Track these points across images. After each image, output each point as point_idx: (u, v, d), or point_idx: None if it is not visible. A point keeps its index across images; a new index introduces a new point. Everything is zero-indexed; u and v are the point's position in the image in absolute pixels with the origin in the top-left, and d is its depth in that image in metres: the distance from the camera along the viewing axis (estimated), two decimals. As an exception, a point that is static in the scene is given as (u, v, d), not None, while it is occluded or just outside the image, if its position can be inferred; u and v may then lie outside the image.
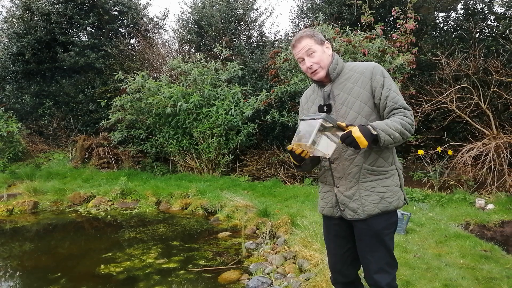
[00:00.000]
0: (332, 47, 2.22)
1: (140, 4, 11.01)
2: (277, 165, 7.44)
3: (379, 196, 1.88)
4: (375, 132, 1.70)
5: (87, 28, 10.45)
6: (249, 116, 7.05)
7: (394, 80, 5.97)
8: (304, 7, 9.51)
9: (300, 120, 1.85)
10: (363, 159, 1.86)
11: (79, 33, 10.63)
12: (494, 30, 7.17)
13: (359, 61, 6.04)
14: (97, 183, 7.35)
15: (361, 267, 2.02)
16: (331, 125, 1.71)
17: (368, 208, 1.86)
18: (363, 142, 1.67)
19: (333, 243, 2.05)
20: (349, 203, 1.90)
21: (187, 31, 10.44)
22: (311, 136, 1.66)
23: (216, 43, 8.46)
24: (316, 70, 1.93)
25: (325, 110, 1.93)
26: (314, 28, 6.39)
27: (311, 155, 1.80)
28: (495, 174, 5.45)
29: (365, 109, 1.87)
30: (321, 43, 1.95)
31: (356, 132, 1.67)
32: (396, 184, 1.95)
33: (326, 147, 1.74)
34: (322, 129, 1.69)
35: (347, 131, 1.69)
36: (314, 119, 1.70)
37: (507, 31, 6.60)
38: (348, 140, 1.69)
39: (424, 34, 7.58)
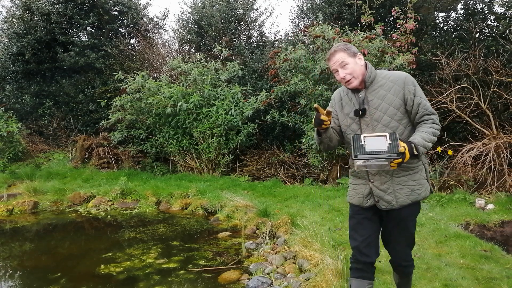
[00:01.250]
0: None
1: (140, 4, 11.01)
2: (277, 165, 7.44)
3: (410, 189, 2.14)
4: (416, 153, 1.96)
5: (87, 28, 10.45)
6: (249, 116, 7.05)
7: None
8: (304, 7, 9.50)
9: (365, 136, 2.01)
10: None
11: (79, 33, 10.63)
12: (494, 30, 7.17)
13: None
14: (97, 183, 7.35)
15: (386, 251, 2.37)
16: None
17: (401, 200, 2.13)
18: (406, 157, 1.93)
19: (361, 226, 2.24)
20: (384, 196, 2.15)
21: (187, 31, 10.44)
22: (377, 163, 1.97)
23: (216, 43, 8.46)
24: (349, 80, 2.15)
25: (360, 114, 2.17)
26: (314, 28, 6.39)
27: (327, 126, 2.14)
28: (495, 174, 5.45)
29: (398, 114, 2.11)
30: (354, 56, 2.16)
31: (406, 154, 1.92)
32: (424, 177, 2.19)
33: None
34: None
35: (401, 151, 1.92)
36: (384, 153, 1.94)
37: (507, 31, 6.60)
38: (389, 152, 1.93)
39: (424, 34, 7.58)
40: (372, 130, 2.13)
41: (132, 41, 10.92)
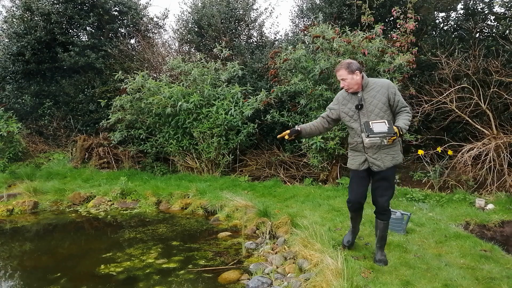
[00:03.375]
0: (331, 47, 4.57)
1: (140, 4, 11.00)
2: (277, 165, 7.44)
3: (392, 156, 3.30)
4: (401, 133, 3.14)
5: (87, 28, 10.45)
6: (249, 116, 7.05)
7: (394, 80, 5.99)
8: (304, 7, 9.50)
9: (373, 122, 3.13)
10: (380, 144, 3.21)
11: (79, 33, 10.63)
12: (494, 30, 7.17)
13: (358, 60, 6.08)
14: (97, 183, 7.35)
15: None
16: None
17: (386, 164, 3.29)
18: (398, 135, 3.11)
19: (356, 183, 3.42)
20: (375, 161, 3.29)
21: (187, 31, 10.44)
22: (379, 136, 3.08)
23: (216, 43, 8.46)
24: (347, 89, 3.33)
25: (359, 107, 3.27)
26: (314, 28, 6.40)
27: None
28: (495, 174, 5.46)
29: (383, 107, 3.23)
30: (352, 73, 3.23)
31: (397, 133, 3.10)
32: (399, 149, 3.39)
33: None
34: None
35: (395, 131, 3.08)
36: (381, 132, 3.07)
37: (507, 31, 6.60)
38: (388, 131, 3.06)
39: (424, 34, 7.58)
40: (367, 118, 3.22)
41: (132, 41, 10.91)
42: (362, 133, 3.15)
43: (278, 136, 3.41)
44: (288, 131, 3.37)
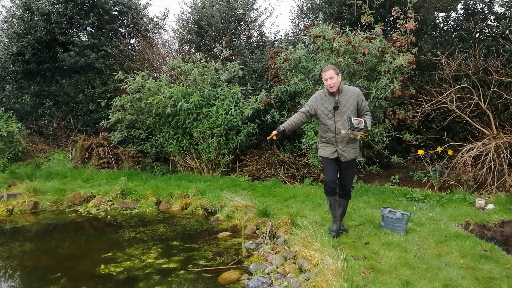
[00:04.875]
0: (332, 47, 5.36)
1: (140, 4, 11.00)
2: (277, 165, 7.44)
3: (354, 150, 4.07)
4: (368, 129, 3.91)
5: (87, 28, 10.45)
6: (249, 116, 7.05)
7: (394, 80, 5.98)
8: (304, 7, 9.50)
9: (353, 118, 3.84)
10: (352, 136, 3.94)
11: (79, 33, 10.63)
12: (494, 30, 7.17)
13: (359, 60, 6.09)
14: (97, 183, 7.35)
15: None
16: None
17: (350, 156, 4.04)
18: (367, 133, 3.96)
19: (330, 167, 4.08)
20: (343, 153, 4.00)
21: (187, 31, 10.43)
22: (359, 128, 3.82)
23: (216, 43, 8.46)
24: (332, 87, 3.90)
25: (336, 108, 3.91)
26: (314, 28, 6.40)
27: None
28: (495, 174, 5.45)
29: (353, 110, 3.95)
30: (338, 74, 3.90)
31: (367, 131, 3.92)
32: (359, 145, 4.23)
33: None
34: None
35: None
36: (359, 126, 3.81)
37: (507, 31, 6.60)
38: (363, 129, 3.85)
39: (424, 34, 7.58)
40: (340, 118, 3.90)
41: (132, 41, 10.91)
42: (340, 126, 3.85)
43: (267, 138, 3.98)
44: (275, 132, 3.90)
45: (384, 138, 6.18)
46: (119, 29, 10.77)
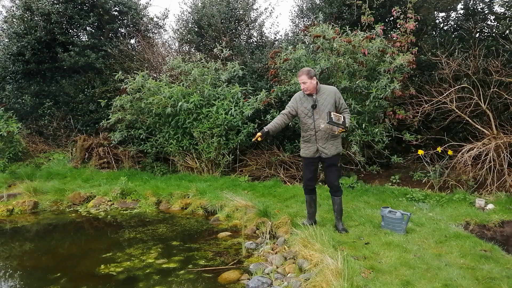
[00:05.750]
0: (332, 47, 5.86)
1: (140, 4, 10.99)
2: (277, 165, 7.44)
3: (335, 146, 4.27)
4: (347, 125, 4.13)
5: (87, 28, 10.44)
6: (249, 116, 7.05)
7: (394, 80, 5.98)
8: (304, 7, 9.50)
9: (332, 114, 4.03)
10: (330, 132, 4.19)
11: (79, 33, 10.62)
12: (494, 30, 7.17)
13: (359, 60, 6.10)
14: (97, 183, 7.35)
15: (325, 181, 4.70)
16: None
17: (331, 152, 4.24)
18: (346, 129, 4.24)
19: (308, 168, 4.37)
20: (324, 150, 4.22)
21: (187, 31, 10.43)
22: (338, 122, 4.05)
23: (216, 43, 8.46)
24: (306, 90, 4.19)
25: (315, 107, 4.16)
26: (314, 28, 6.40)
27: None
28: (495, 174, 5.46)
29: (332, 108, 4.16)
30: (311, 78, 4.12)
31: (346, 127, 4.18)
32: (340, 142, 4.38)
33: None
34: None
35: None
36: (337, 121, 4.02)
37: (507, 31, 6.60)
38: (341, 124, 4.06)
39: (424, 34, 7.58)
40: (319, 116, 4.14)
41: (132, 41, 10.91)
42: (321, 120, 4.12)
43: (253, 139, 4.27)
44: (260, 134, 4.16)
45: (384, 138, 6.18)
46: (119, 29, 10.77)
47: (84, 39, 10.21)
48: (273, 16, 17.86)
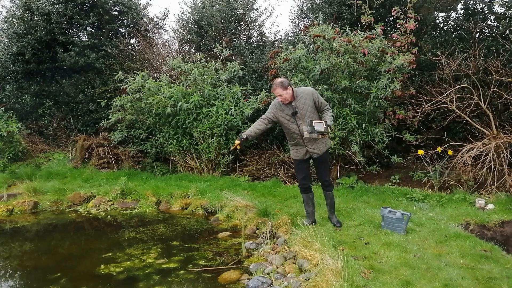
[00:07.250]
0: (332, 47, 5.87)
1: (140, 4, 10.98)
2: (277, 165, 7.44)
3: (324, 144, 4.33)
4: (329, 130, 4.23)
5: (87, 28, 10.44)
6: (249, 116, 7.05)
7: (394, 80, 5.98)
8: (304, 7, 9.50)
9: (314, 122, 4.08)
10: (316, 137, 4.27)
11: (79, 33, 10.62)
12: (494, 30, 7.17)
13: (359, 60, 6.10)
14: (97, 183, 7.35)
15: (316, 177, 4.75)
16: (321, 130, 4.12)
17: (322, 150, 4.30)
18: (329, 132, 4.45)
19: (301, 169, 4.44)
20: (314, 150, 4.27)
21: (187, 31, 10.43)
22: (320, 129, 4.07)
23: (216, 43, 8.46)
24: (283, 101, 4.17)
25: (295, 114, 4.17)
26: (314, 28, 6.40)
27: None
28: (495, 174, 5.45)
29: (312, 110, 4.18)
30: (285, 89, 4.10)
31: (329, 131, 4.22)
32: (329, 139, 4.50)
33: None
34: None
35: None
36: (319, 129, 4.07)
37: (507, 31, 6.60)
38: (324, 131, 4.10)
39: (424, 34, 7.57)
40: (302, 120, 4.14)
41: (132, 41, 10.90)
42: (304, 127, 4.13)
43: (231, 148, 4.53)
44: (238, 142, 4.24)
45: (384, 138, 6.18)
46: (119, 29, 10.76)
47: (84, 39, 10.21)
48: (273, 16, 17.87)
